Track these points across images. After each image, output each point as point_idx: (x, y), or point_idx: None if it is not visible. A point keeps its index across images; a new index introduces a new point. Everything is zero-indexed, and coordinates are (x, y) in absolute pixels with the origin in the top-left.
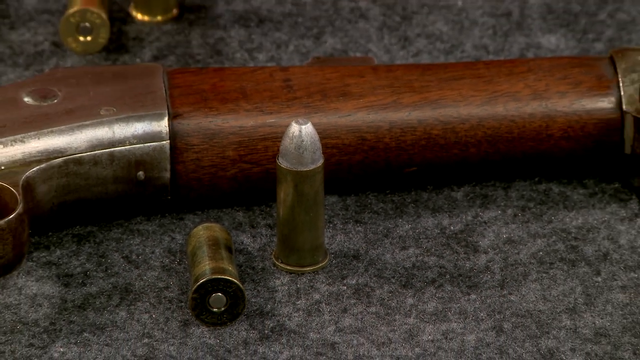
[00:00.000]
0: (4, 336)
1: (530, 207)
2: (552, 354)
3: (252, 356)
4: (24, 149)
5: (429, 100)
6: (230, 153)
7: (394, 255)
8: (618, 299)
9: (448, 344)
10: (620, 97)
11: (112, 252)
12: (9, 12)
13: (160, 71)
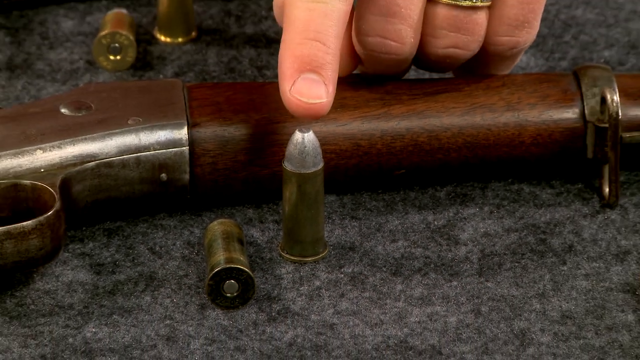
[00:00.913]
0: (43, 318)
1: (504, 204)
2: (524, 334)
3: (260, 335)
4: (61, 154)
5: (416, 112)
6: (241, 157)
7: (385, 247)
8: (582, 285)
9: (432, 325)
10: (583, 108)
11: (138, 244)
12: (49, 34)
13: (180, 86)
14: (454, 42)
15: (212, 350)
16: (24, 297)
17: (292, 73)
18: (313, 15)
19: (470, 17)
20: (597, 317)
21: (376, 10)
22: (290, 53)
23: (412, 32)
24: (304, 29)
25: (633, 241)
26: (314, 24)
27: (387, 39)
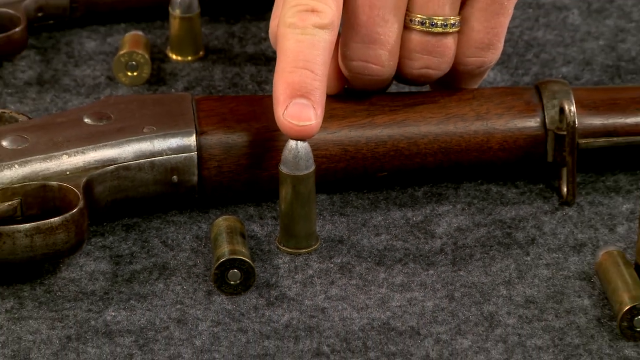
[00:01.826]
0: (68, 303)
1: (474, 202)
2: (492, 316)
3: (260, 318)
4: (84, 158)
5: (397, 121)
6: (243, 161)
7: (369, 240)
8: (543, 273)
9: (412, 309)
10: (544, 118)
11: (153, 237)
12: (74, 53)
13: (189, 98)
14: (426, 63)
15: (218, 331)
16: (51, 284)
17: (284, 99)
18: (302, 46)
19: (441, 41)
20: (557, 302)
21: (358, 38)
22: (283, 80)
23: (390, 56)
24: (294, 58)
25: (588, 235)
26: (302, 54)
27: (369, 62)
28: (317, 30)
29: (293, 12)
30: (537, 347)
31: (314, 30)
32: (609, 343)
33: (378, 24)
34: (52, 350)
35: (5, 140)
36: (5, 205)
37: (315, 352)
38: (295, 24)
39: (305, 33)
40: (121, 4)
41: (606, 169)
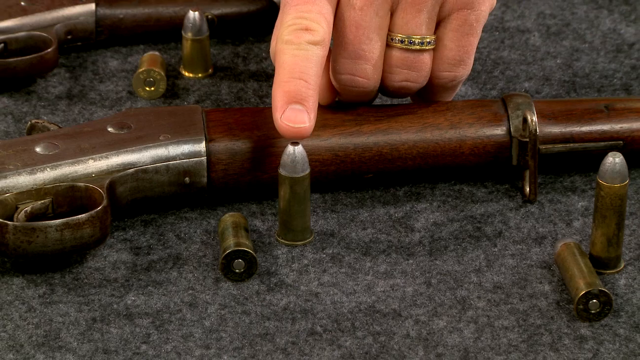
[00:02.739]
0: (93, 289)
1: (448, 201)
2: (465, 300)
3: (262, 302)
4: (108, 162)
5: (380, 130)
6: (247, 165)
7: (357, 233)
8: (509, 262)
9: (394, 294)
10: (509, 126)
11: (168, 231)
12: (99, 71)
13: (199, 110)
14: (406, 77)
15: (225, 313)
16: (79, 273)
17: (282, 105)
18: (297, 60)
19: (418, 57)
20: (521, 287)
21: (346, 54)
22: (281, 89)
23: (374, 70)
24: (291, 70)
25: (548, 229)
26: (298, 67)
27: (356, 76)
28: (310, 46)
29: (289, 31)
30: (504, 327)
31: (308, 46)
32: (567, 323)
33: (363, 42)
34: (80, 331)
35: (38, 147)
36: (38, 204)
37: (309, 332)
38: (291, 41)
39: (300, 49)
40: (140, 28)
41: (564, 171)
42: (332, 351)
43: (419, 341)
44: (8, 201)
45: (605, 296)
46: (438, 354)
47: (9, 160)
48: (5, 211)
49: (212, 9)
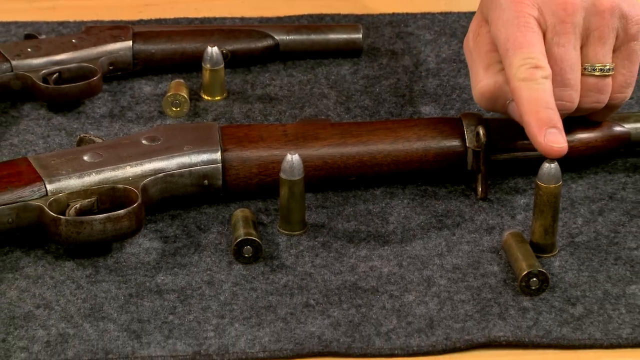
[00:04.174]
0: (130, 270)
1: (416, 198)
2: (430, 279)
3: (266, 280)
4: (142, 168)
5: (362, 141)
6: (254, 170)
7: (343, 225)
8: (465, 248)
9: (372, 273)
10: (465, 139)
11: (190, 224)
12: (135, 95)
13: (216, 126)
14: (597, 99)
15: (236, 289)
16: (118, 257)
17: (539, 130)
18: (539, 93)
19: (605, 82)
20: (475, 268)
21: (555, 84)
22: (534, 117)
23: (577, 94)
24: (537, 102)
25: (496, 221)
26: (542, 99)
27: (564, 101)
28: (544, 80)
29: (523, 70)
30: (461, 301)
31: (543, 80)
32: (512, 298)
33: (568, 72)
34: (119, 304)
35: (86, 156)
36: (86, 202)
37: (304, 304)
38: (528, 78)
39: (538, 83)
40: (168, 60)
41: (509, 175)
42: (322, 320)
43: (393, 312)
44: (61, 200)
45: (543, 275)
46: (408, 322)
47: (62, 167)
48: (59, 208)
49: (226, 45)
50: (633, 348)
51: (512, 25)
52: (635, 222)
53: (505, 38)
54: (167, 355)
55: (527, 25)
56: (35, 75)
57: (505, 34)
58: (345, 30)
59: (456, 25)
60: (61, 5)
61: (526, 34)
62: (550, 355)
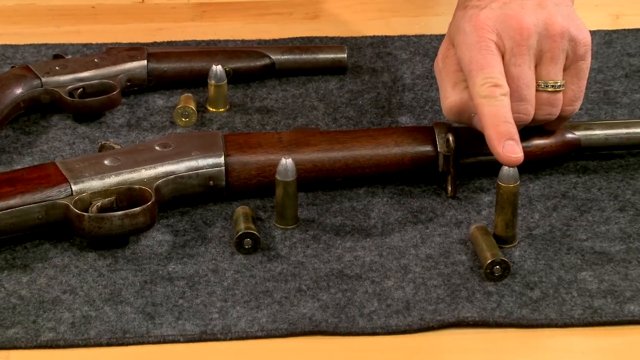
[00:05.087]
0: (145, 260)
1: (394, 197)
2: (406, 267)
3: (264, 268)
4: (156, 171)
5: (347, 147)
6: (253, 172)
7: (331, 220)
8: (437, 240)
9: (356, 262)
10: (437, 145)
11: (198, 219)
12: (149, 107)
13: (220, 134)
14: (549, 112)
15: (238, 276)
16: (135, 248)
17: (498, 142)
18: (498, 109)
19: (557, 97)
20: (446, 257)
21: (514, 99)
22: (494, 131)
23: (532, 108)
24: (496, 117)
25: (464, 216)
26: (501, 114)
27: (521, 113)
28: (503, 97)
29: (484, 89)
30: (434, 286)
31: (502, 97)
32: (478, 283)
33: (523, 89)
34: (135, 290)
35: (106, 160)
36: (106, 201)
37: (297, 289)
38: (489, 96)
39: (497, 100)
40: (178, 77)
41: (474, 176)
42: (313, 303)
43: (374, 296)
44: (85, 199)
45: (505, 263)
46: (387, 305)
47: (86, 170)
48: (83, 206)
49: (229, 64)
50: (584, 327)
51: (475, 48)
52: (585, 217)
53: (469, 60)
54: (177, 335)
55: (488, 49)
56: (63, 90)
57: (468, 56)
58: (332, 51)
59: (428, 46)
60: (85, 30)
61: (486, 57)
62: (512, 333)
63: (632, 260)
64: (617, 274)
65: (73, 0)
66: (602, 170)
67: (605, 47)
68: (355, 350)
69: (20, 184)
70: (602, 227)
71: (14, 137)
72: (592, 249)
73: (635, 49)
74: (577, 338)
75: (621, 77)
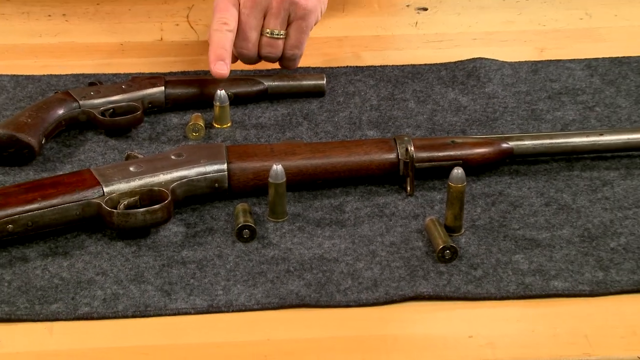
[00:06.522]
0: (162, 247)
1: (364, 195)
2: (374, 252)
3: (258, 253)
4: (171, 176)
5: (325, 155)
6: (250, 176)
7: (313, 214)
8: (398, 230)
9: (334, 249)
10: (398, 153)
11: (206, 214)
12: (167, 124)
13: (223, 146)
14: (269, 51)
15: (238, 260)
16: (154, 238)
17: (213, 61)
18: (220, 38)
19: (277, 42)
20: (406, 244)
21: (238, 37)
22: (213, 53)
23: (252, 47)
24: (217, 44)
25: (420, 210)
26: (221, 42)
27: (243, 49)
28: (227, 32)
29: (216, 24)
30: (397, 267)
31: (226, 32)
32: (432, 264)
33: (247, 31)
34: (155, 272)
35: (132, 167)
36: (132, 200)
37: (286, 271)
38: (217, 29)
39: (222, 32)
40: (190, 100)
41: (428, 178)
42: (299, 281)
43: (348, 275)
44: (114, 198)
45: (453, 248)
46: (359, 283)
47: (115, 175)
48: (112, 204)
49: (230, 89)
50: (517, 300)
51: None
52: (517, 211)
53: (215, 6)
54: (189, 308)
55: (229, 1)
56: (96, 111)
57: (215, 3)
58: (313, 78)
59: (390, 74)
60: (114, 63)
61: (225, 4)
62: (459, 305)
63: (555, 245)
64: (544, 257)
65: (105, 39)
66: (531, 173)
67: (532, 74)
68: (333, 320)
69: (61, 187)
70: (531, 219)
71: (57, 149)
72: (523, 237)
73: (556, 75)
74: (512, 309)
75: (545, 98)
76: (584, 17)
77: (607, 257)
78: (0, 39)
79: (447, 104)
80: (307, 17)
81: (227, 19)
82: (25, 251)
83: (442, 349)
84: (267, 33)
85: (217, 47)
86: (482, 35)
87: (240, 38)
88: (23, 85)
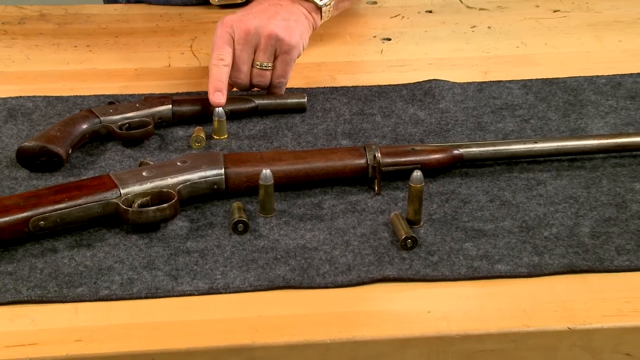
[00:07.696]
0: (170, 240)
1: (339, 194)
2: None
3: (250, 244)
4: (177, 179)
5: (307, 161)
6: (244, 179)
7: (296, 210)
8: (368, 223)
9: (314, 239)
10: (367, 159)
11: (207, 211)
12: (173, 136)
13: (221, 154)
14: (259, 80)
15: (234, 250)
16: (163, 232)
17: (212, 91)
18: (217, 72)
19: (265, 73)
20: (374, 235)
21: (234, 70)
22: (212, 85)
23: (244, 77)
24: (215, 77)
25: (386, 207)
26: (218, 75)
27: (237, 79)
28: (224, 67)
29: (214, 60)
30: (367, 254)
31: (224, 67)
32: (396, 252)
33: (239, 65)
34: (164, 260)
35: (144, 172)
36: (144, 200)
37: (274, 258)
38: (215, 65)
39: (219, 67)
40: (193, 116)
41: (393, 179)
42: (285, 267)
43: (326, 261)
44: (129, 199)
45: (414, 238)
46: (336, 267)
47: (130, 179)
48: (128, 203)
49: (227, 107)
50: (467, 280)
51: (217, 36)
52: (467, 206)
53: (213, 43)
54: (193, 290)
55: (223, 37)
56: (115, 126)
57: (214, 41)
58: (296, 97)
59: (360, 93)
60: (130, 85)
61: (222, 42)
62: (419, 285)
63: (498, 235)
64: (489, 244)
65: (122, 66)
66: (478, 175)
67: (478, 93)
68: (314, 299)
69: (85, 189)
70: (478, 213)
71: (81, 158)
72: (472, 228)
73: (498, 94)
74: (463, 288)
75: (489, 112)
76: (520, 46)
77: (542, 244)
78: (35, 66)
79: (408, 117)
80: (291, 52)
81: (224, 55)
82: (55, 243)
83: (405, 322)
84: (257, 65)
85: (215, 80)
86: (436, 60)
87: (235, 70)
88: (53, 104)
